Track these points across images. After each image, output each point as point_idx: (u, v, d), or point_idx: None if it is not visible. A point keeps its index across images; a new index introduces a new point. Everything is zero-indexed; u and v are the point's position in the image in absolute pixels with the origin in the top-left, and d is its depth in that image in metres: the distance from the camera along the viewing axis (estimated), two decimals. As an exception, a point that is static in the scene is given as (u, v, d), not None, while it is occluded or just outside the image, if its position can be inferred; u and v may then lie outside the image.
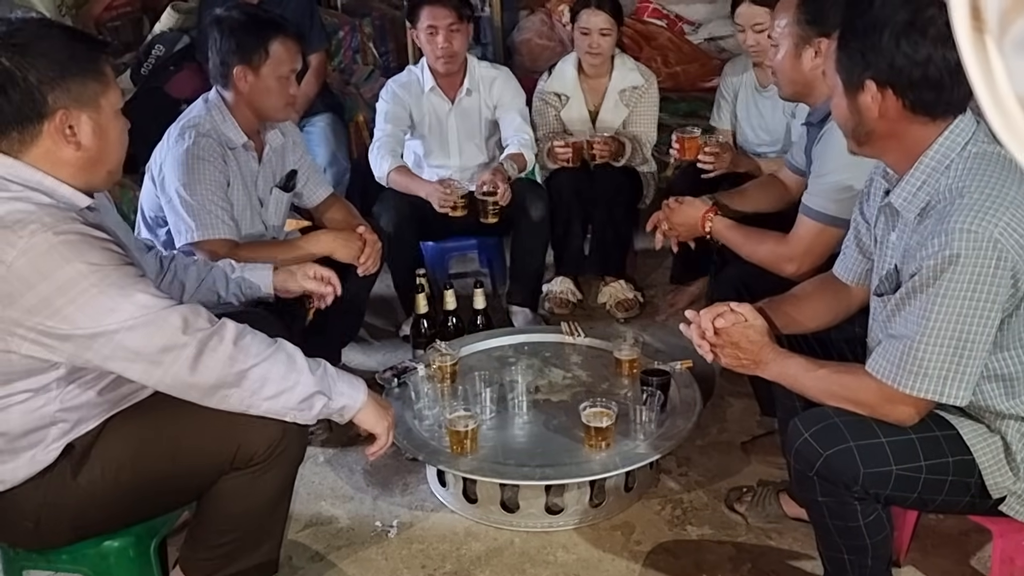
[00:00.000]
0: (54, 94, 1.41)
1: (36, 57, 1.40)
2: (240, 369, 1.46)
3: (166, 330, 1.41)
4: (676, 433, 2.10)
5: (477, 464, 2.04)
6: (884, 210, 1.60)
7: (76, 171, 1.48)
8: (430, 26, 2.96)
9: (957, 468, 1.49)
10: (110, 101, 1.50)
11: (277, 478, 1.66)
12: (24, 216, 1.37)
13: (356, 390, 1.61)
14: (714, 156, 2.80)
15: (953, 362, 1.39)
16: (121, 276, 1.40)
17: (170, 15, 3.82)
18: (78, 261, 1.36)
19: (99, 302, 1.37)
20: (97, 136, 1.48)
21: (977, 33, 0.40)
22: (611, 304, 3.22)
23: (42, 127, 1.43)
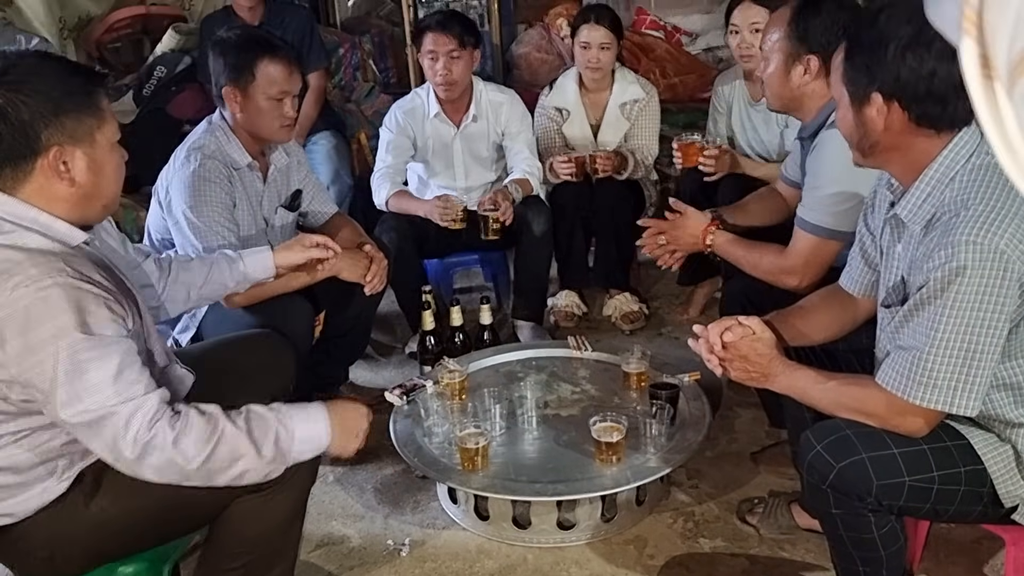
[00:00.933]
0: (48, 131, 1.40)
1: (30, 94, 1.39)
2: (183, 469, 1.44)
3: (104, 435, 1.40)
4: (686, 446, 2.10)
5: (488, 481, 2.04)
6: (890, 222, 1.60)
7: (71, 206, 1.46)
8: (431, 51, 2.97)
9: (969, 478, 1.50)
10: (106, 135, 1.49)
11: (289, 500, 1.66)
12: (10, 267, 1.36)
13: (315, 435, 1.55)
14: (714, 159, 2.81)
15: (962, 373, 1.40)
16: (90, 348, 1.38)
17: (171, 36, 3.84)
18: (50, 323, 1.36)
19: (58, 375, 1.37)
20: (92, 171, 1.47)
21: (987, 81, 0.41)
22: (616, 316, 3.23)
23: (35, 164, 1.41)
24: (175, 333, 2.34)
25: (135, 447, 1.40)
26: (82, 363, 1.37)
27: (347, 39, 4.76)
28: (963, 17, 0.41)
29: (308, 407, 1.58)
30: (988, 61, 0.40)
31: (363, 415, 1.65)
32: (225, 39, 2.31)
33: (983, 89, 0.41)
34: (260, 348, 2.05)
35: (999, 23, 0.39)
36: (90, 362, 1.38)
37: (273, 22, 3.49)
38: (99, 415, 1.39)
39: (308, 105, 3.44)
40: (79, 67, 1.55)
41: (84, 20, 3.82)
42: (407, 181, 3.22)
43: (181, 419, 1.45)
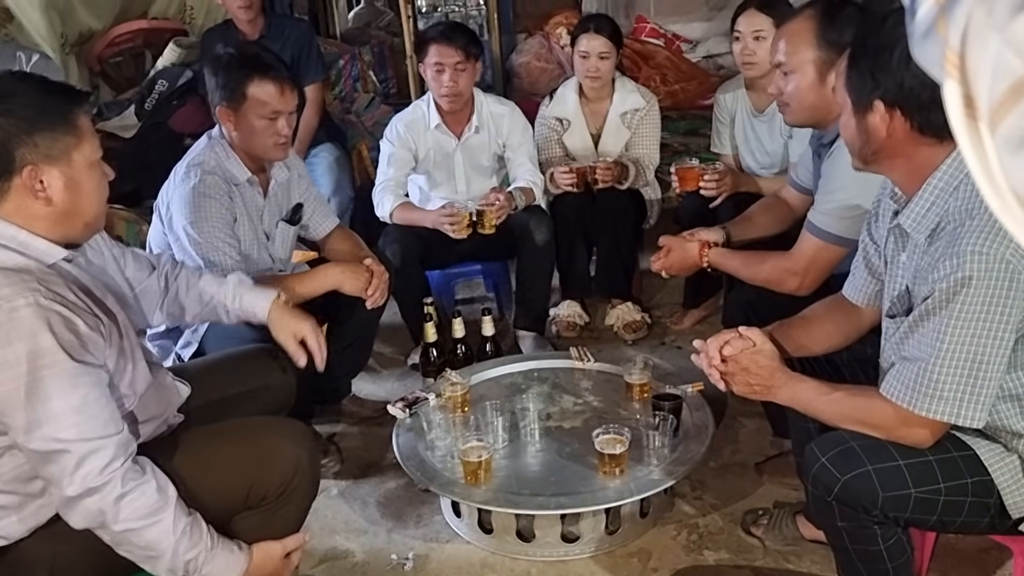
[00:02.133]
0: (21, 150, 1.40)
1: (3, 114, 1.40)
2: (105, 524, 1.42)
3: (51, 468, 1.39)
4: (690, 457, 2.09)
5: (491, 494, 2.03)
6: (893, 231, 1.59)
7: (50, 225, 1.46)
8: (437, 63, 2.96)
9: (976, 489, 1.49)
10: (83, 154, 1.48)
11: (290, 514, 1.66)
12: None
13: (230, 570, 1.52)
14: (715, 182, 2.81)
15: (968, 384, 1.39)
16: (56, 375, 1.37)
17: (172, 50, 3.85)
18: (19, 344, 1.35)
19: (20, 397, 1.36)
20: (69, 190, 1.46)
21: (971, 121, 0.40)
22: (619, 326, 3.22)
23: (10, 183, 1.42)
24: (177, 348, 2.33)
25: (79, 487, 1.39)
26: (46, 388, 1.36)
27: (347, 50, 4.77)
28: (945, 59, 0.41)
29: (235, 548, 1.54)
30: (971, 101, 0.40)
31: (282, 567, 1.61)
32: (218, 58, 2.30)
33: (967, 128, 0.41)
34: (261, 363, 2.04)
35: (980, 66, 0.39)
36: (54, 389, 1.37)
37: (273, 35, 3.50)
38: (53, 448, 1.38)
39: (308, 117, 3.45)
40: (56, 86, 1.54)
41: (86, 35, 3.83)
42: (408, 193, 3.22)
43: (137, 479, 1.43)
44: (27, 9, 3.52)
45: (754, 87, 2.96)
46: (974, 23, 0.39)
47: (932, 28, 0.43)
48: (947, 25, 0.41)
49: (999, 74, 0.38)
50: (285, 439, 1.66)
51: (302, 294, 2.26)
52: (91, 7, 3.83)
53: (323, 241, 2.68)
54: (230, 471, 1.57)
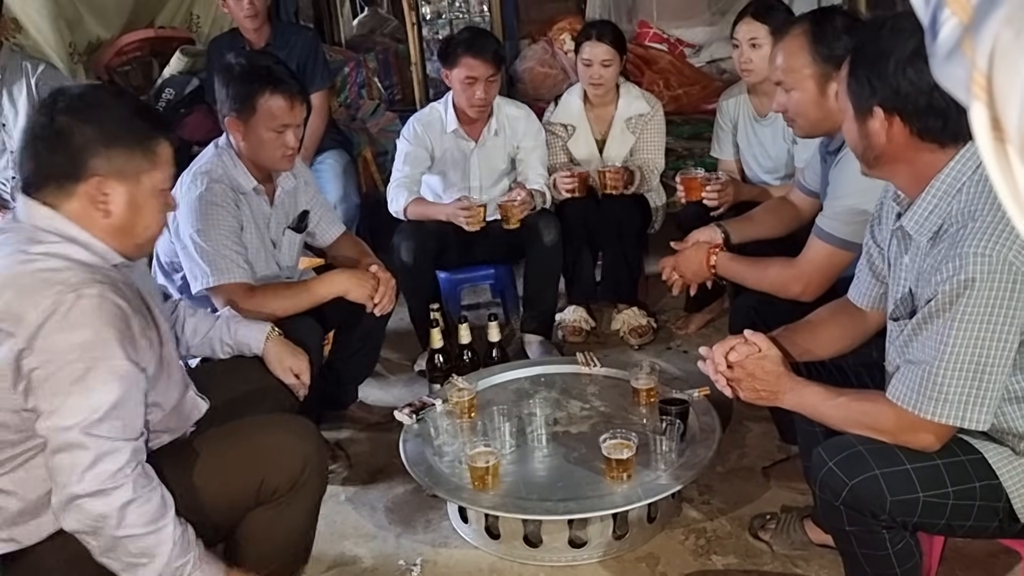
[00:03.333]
0: (94, 160, 1.47)
1: (90, 122, 1.46)
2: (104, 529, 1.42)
3: (64, 462, 1.40)
4: (697, 462, 2.09)
5: (499, 500, 2.03)
6: (896, 234, 1.60)
7: (105, 236, 1.51)
8: (469, 77, 2.95)
9: (984, 493, 1.48)
10: (153, 180, 1.54)
11: (301, 510, 1.69)
12: (52, 274, 1.41)
13: None
14: (717, 192, 2.82)
15: (973, 387, 1.39)
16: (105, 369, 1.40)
17: (179, 59, 3.88)
18: (81, 331, 1.38)
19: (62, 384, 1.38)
20: (130, 209, 1.51)
21: (999, 143, 0.40)
22: (625, 331, 3.22)
23: (77, 187, 1.48)
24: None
25: (89, 486, 1.39)
26: (93, 379, 1.39)
27: (352, 57, 4.79)
28: (972, 82, 0.41)
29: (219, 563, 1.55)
30: (999, 123, 0.40)
31: None
32: (229, 67, 2.31)
33: (995, 151, 0.41)
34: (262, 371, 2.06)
35: (1009, 88, 0.39)
36: (100, 382, 1.40)
37: (278, 43, 3.52)
38: (73, 441, 1.39)
39: (314, 124, 3.46)
40: (149, 112, 1.62)
41: (94, 44, 3.86)
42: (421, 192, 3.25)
43: (146, 486, 1.45)
44: (36, 19, 3.55)
45: (756, 92, 2.97)
46: (1002, 44, 0.39)
47: (957, 49, 0.43)
48: (974, 46, 0.41)
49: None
50: (293, 434, 1.69)
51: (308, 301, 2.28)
52: (99, 16, 3.86)
53: (329, 248, 2.69)
54: (240, 468, 1.59)
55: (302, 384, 2.07)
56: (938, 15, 0.44)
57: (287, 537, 1.69)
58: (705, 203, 2.85)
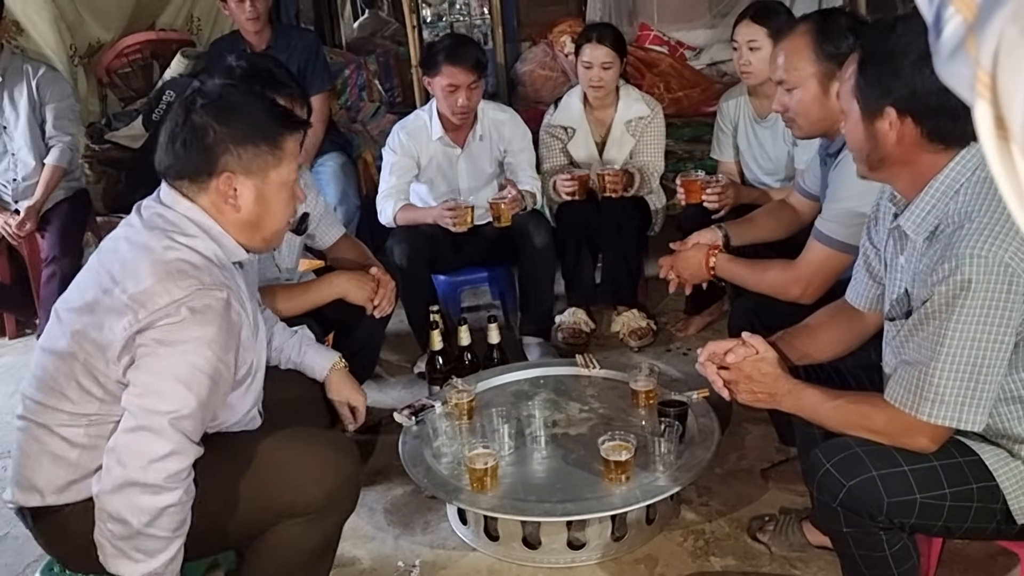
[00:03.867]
0: (226, 157, 1.54)
1: (224, 121, 1.53)
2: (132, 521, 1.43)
3: (138, 444, 1.43)
4: (696, 464, 2.09)
5: (497, 501, 2.03)
6: (893, 233, 1.60)
7: (236, 229, 1.58)
8: (450, 84, 2.96)
9: (981, 494, 1.49)
10: (280, 175, 1.60)
11: (328, 526, 1.68)
12: (188, 268, 1.47)
13: None
14: (717, 195, 2.82)
15: (969, 387, 1.39)
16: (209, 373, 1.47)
17: (180, 61, 3.89)
18: (199, 330, 1.45)
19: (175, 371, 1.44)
20: (257, 204, 1.58)
21: (1003, 142, 0.40)
22: (624, 333, 3.23)
23: (209, 183, 1.55)
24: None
25: (154, 478, 1.42)
26: (198, 376, 1.45)
27: (352, 59, 4.80)
28: (976, 80, 0.41)
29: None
30: (1003, 122, 0.40)
31: None
32: (230, 70, 2.31)
33: (998, 150, 0.41)
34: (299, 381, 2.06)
35: (1014, 87, 0.39)
36: (202, 380, 1.46)
37: (279, 45, 3.53)
38: (155, 426, 1.43)
39: (314, 127, 3.47)
40: (279, 110, 1.68)
41: (94, 47, 3.87)
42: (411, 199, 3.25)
43: (189, 499, 1.48)
44: (37, 22, 3.56)
45: (756, 94, 2.97)
46: (1006, 42, 0.39)
47: (961, 47, 0.43)
48: (977, 45, 0.41)
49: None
50: (334, 452, 1.69)
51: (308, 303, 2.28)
52: (100, 19, 3.87)
53: (329, 250, 2.69)
54: (277, 475, 1.59)
55: (353, 420, 2.11)
56: (942, 13, 0.44)
57: (310, 552, 1.67)
58: (705, 205, 2.85)
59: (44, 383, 1.54)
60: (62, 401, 1.52)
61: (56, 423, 1.53)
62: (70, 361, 1.51)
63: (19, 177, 3.45)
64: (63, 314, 1.56)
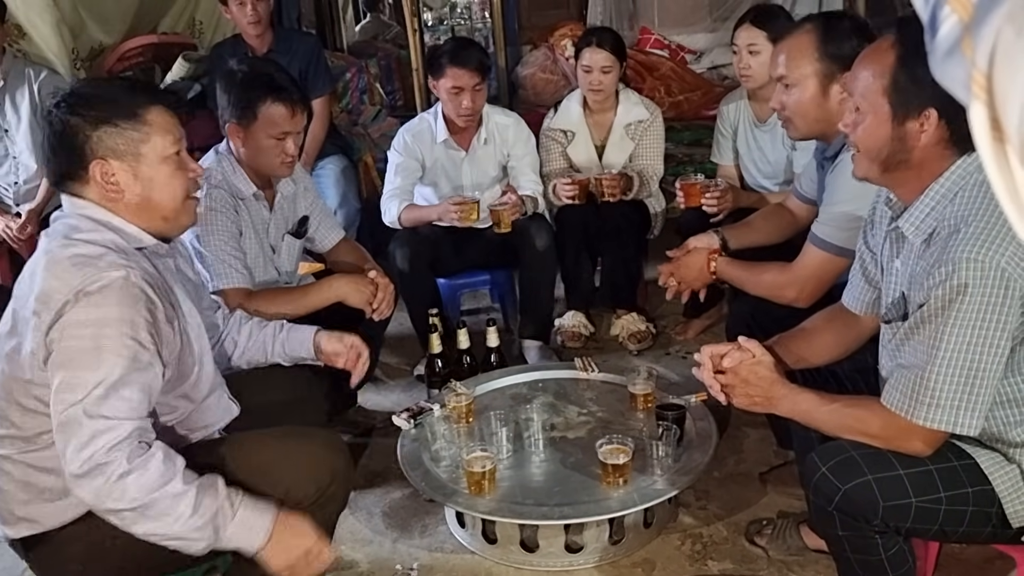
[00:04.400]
0: (89, 145, 1.52)
1: (80, 112, 1.51)
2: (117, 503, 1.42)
3: (65, 438, 1.42)
4: (693, 467, 2.09)
5: (495, 504, 2.04)
6: (890, 235, 1.60)
7: (131, 215, 1.56)
8: (455, 87, 2.98)
9: (977, 498, 1.49)
10: (155, 148, 1.55)
11: (321, 522, 1.67)
12: (83, 259, 1.46)
13: (254, 527, 1.49)
14: (716, 199, 2.82)
15: (965, 391, 1.40)
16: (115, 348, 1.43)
17: (181, 65, 3.89)
18: (106, 308, 1.43)
19: (70, 356, 1.42)
20: (140, 183, 1.55)
21: (998, 144, 0.40)
22: (624, 336, 3.23)
23: (87, 176, 1.53)
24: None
25: (85, 465, 1.40)
26: (100, 357, 1.42)
27: (354, 63, 4.81)
28: (972, 81, 0.41)
29: (261, 504, 1.52)
30: (998, 123, 0.40)
31: (311, 545, 1.54)
32: (231, 74, 2.32)
33: (993, 151, 0.41)
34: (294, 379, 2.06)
35: (1009, 88, 0.39)
36: (106, 361, 1.42)
37: (281, 49, 3.53)
38: (70, 418, 1.41)
39: (315, 130, 3.48)
40: (137, 86, 1.67)
41: (96, 50, 3.87)
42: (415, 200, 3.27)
43: (143, 456, 1.43)
44: (39, 25, 3.57)
45: (756, 98, 2.98)
46: (1003, 43, 0.39)
47: (957, 47, 0.42)
48: (973, 45, 0.40)
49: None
50: (323, 447, 1.70)
51: (307, 306, 2.29)
52: (102, 22, 3.88)
53: (329, 253, 2.70)
54: (269, 473, 1.60)
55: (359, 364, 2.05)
56: (938, 12, 0.44)
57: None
58: (704, 209, 2.86)
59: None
60: (10, 428, 1.52)
61: (16, 451, 1.53)
62: (8, 386, 1.50)
63: (20, 180, 3.46)
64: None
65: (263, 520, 1.50)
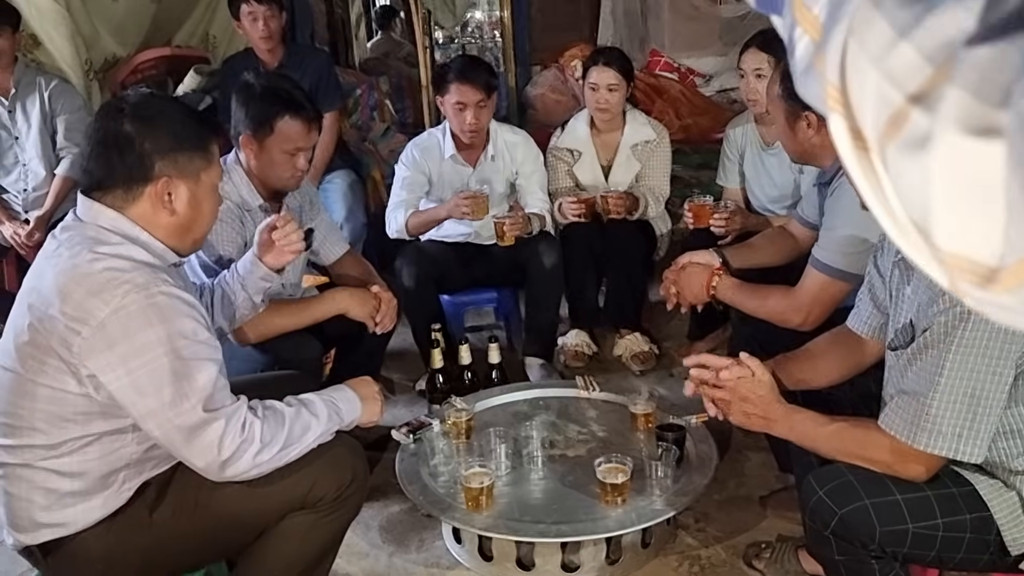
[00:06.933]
0: (162, 162, 1.56)
1: (155, 128, 1.55)
2: (271, 453, 1.56)
3: (202, 440, 1.50)
4: (692, 489, 2.08)
5: (492, 521, 2.03)
6: (899, 264, 1.60)
7: (167, 235, 1.60)
8: (458, 102, 2.99)
9: (975, 525, 1.48)
10: (210, 176, 1.64)
11: (335, 524, 1.72)
12: (118, 275, 1.47)
13: (350, 398, 1.76)
14: (725, 220, 2.83)
15: (967, 419, 1.39)
16: (195, 353, 1.50)
17: (193, 77, 3.93)
18: (160, 326, 1.46)
19: (165, 375, 1.46)
20: (191, 206, 1.60)
21: (862, 152, 0.41)
22: (627, 356, 3.22)
23: (145, 189, 1.56)
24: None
25: (231, 447, 1.50)
26: (189, 366, 1.47)
27: (365, 80, 4.85)
28: (827, 96, 0.42)
29: (337, 388, 1.78)
30: (859, 133, 0.41)
31: (372, 383, 1.85)
32: (250, 87, 2.33)
33: (859, 161, 0.41)
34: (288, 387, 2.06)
35: (861, 95, 0.40)
36: (195, 363, 1.48)
37: (292, 64, 3.57)
38: (203, 419, 1.48)
39: (324, 144, 3.50)
40: (197, 113, 1.74)
41: (110, 62, 3.91)
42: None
43: (261, 414, 1.57)
44: (54, 36, 3.61)
45: (763, 121, 2.99)
46: (850, 56, 0.40)
47: (811, 66, 0.44)
48: (824, 62, 0.42)
49: (882, 106, 0.39)
50: (346, 448, 1.73)
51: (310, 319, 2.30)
52: (116, 35, 3.92)
53: (333, 267, 2.71)
54: (292, 470, 1.62)
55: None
56: (793, 35, 0.45)
57: (314, 546, 1.70)
58: (713, 231, 2.86)
59: (8, 426, 1.54)
60: (35, 436, 1.52)
61: (37, 459, 1.53)
62: (33, 392, 1.50)
63: (30, 187, 3.49)
64: (3, 358, 1.55)
65: (349, 393, 1.76)
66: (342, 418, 1.70)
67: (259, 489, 1.59)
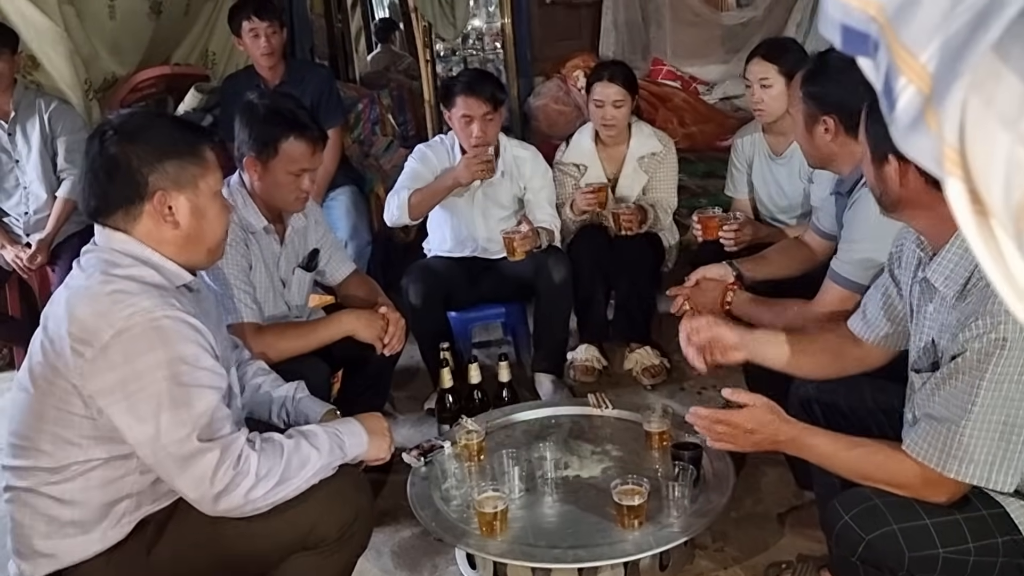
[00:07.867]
0: (153, 176, 1.53)
1: (140, 143, 1.53)
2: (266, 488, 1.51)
3: (195, 470, 1.46)
4: (710, 509, 2.04)
5: (507, 546, 1.99)
6: (920, 283, 1.57)
7: (178, 249, 1.57)
8: (465, 115, 2.97)
9: (1007, 549, 1.44)
10: (208, 183, 1.60)
11: (341, 562, 1.69)
12: (124, 297, 1.45)
13: (357, 432, 1.72)
14: (734, 232, 2.79)
15: (1000, 447, 1.35)
16: (196, 379, 1.47)
17: (193, 95, 3.90)
18: (162, 351, 1.44)
19: (163, 401, 1.44)
20: (195, 216, 1.58)
21: (982, 217, 0.38)
22: (637, 371, 3.18)
23: (143, 207, 1.54)
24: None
25: (224, 480, 1.46)
26: (188, 393, 1.45)
27: (366, 94, 4.82)
28: (944, 157, 0.39)
29: (345, 421, 1.74)
30: (978, 196, 0.37)
31: (382, 418, 1.82)
32: (253, 108, 2.30)
33: (977, 225, 0.38)
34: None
35: (987, 161, 0.37)
36: (194, 390, 1.46)
37: (293, 80, 3.54)
38: (197, 448, 1.45)
39: (326, 161, 3.46)
40: (186, 122, 1.71)
41: (109, 81, 3.89)
42: (427, 230, 3.28)
43: (258, 447, 1.53)
44: (52, 57, 3.58)
45: (771, 131, 2.96)
46: (972, 115, 0.37)
47: (921, 120, 0.40)
48: (939, 120, 0.38)
49: (1016, 173, 0.35)
50: (348, 486, 1.69)
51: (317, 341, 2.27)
52: (115, 54, 3.89)
53: (339, 287, 2.68)
54: (294, 510, 1.58)
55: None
56: (893, 84, 0.42)
57: None
58: (722, 243, 2.83)
59: (18, 447, 1.54)
60: (40, 458, 1.51)
61: (41, 484, 1.52)
62: (43, 413, 1.50)
63: (31, 210, 3.46)
64: (22, 378, 1.56)
65: (356, 427, 1.72)
66: (345, 452, 1.66)
67: (259, 530, 1.55)
